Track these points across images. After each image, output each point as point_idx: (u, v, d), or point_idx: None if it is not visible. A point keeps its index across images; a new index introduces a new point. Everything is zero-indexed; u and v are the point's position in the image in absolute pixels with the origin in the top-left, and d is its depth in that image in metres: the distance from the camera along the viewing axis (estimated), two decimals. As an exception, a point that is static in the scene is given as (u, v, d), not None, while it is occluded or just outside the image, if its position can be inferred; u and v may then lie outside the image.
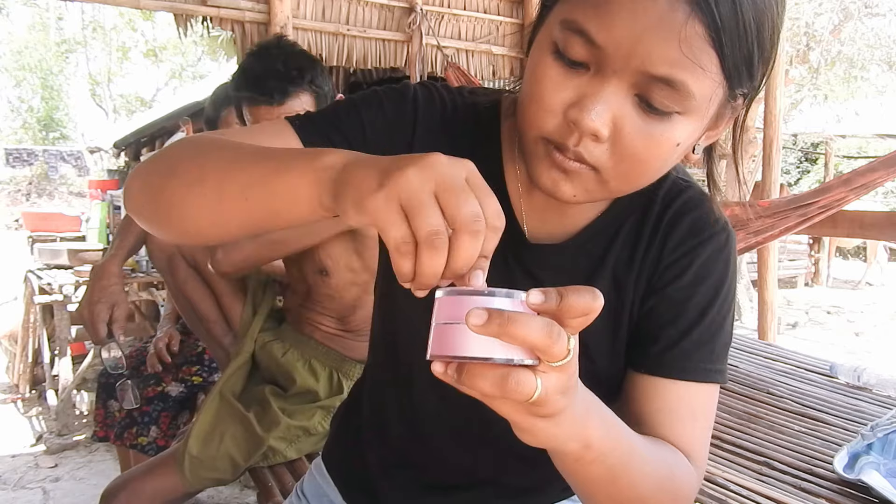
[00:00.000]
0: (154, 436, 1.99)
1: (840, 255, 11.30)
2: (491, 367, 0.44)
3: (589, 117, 0.56)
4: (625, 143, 0.58)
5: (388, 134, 0.71)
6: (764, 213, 3.08)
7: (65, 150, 16.52)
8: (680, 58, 0.53)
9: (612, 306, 0.72)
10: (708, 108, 0.58)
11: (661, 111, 0.56)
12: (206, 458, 1.46)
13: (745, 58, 0.55)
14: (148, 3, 3.27)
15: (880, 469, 1.59)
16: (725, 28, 0.53)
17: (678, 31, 0.52)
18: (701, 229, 0.71)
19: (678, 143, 0.59)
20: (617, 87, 0.56)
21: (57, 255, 3.88)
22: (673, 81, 0.54)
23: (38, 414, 3.67)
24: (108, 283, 1.59)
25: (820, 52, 7.75)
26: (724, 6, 0.52)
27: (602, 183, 0.61)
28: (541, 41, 0.60)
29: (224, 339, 1.75)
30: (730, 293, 0.73)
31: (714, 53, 0.54)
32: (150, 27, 19.15)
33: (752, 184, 7.34)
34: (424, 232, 0.44)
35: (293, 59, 1.53)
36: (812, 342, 6.01)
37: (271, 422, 1.53)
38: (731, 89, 0.58)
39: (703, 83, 0.55)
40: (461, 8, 4.08)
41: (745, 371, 2.47)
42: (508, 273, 0.72)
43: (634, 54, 0.54)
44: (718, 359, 0.71)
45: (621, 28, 0.53)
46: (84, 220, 4.95)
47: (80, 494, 2.75)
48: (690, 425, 0.69)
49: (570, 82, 0.57)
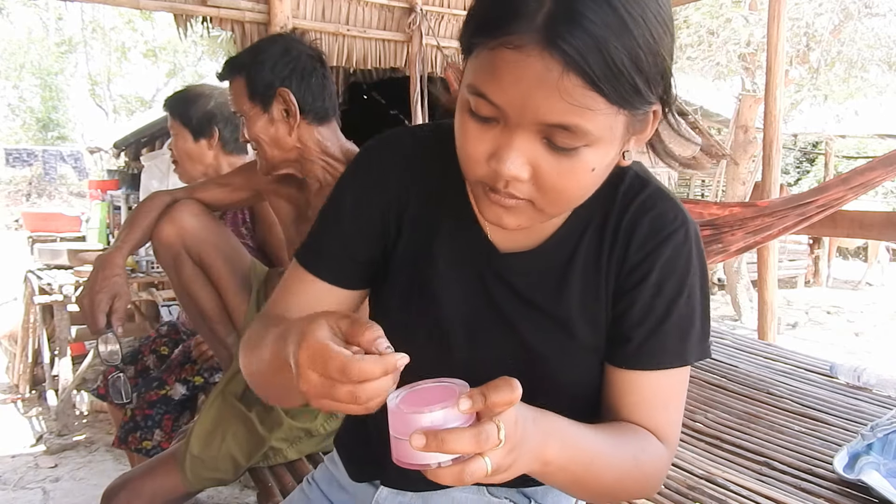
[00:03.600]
0: (158, 439, 1.98)
1: (840, 255, 11.31)
2: (447, 467, 0.55)
3: (506, 166, 0.64)
4: (545, 179, 0.65)
5: (373, 211, 0.82)
6: (763, 212, 3.08)
7: (64, 151, 16.51)
8: (566, 107, 0.60)
9: (586, 301, 0.78)
10: (612, 133, 0.64)
11: (568, 149, 0.63)
12: (208, 457, 1.46)
13: (630, 88, 0.61)
14: (148, 3, 3.27)
15: (880, 469, 1.59)
16: (599, 76, 0.59)
17: (556, 86, 0.59)
18: (660, 228, 0.76)
19: (593, 168, 0.66)
20: (524, 136, 0.63)
21: (57, 255, 3.88)
22: (567, 126, 0.61)
23: (38, 414, 3.67)
24: (110, 274, 1.58)
25: (820, 53, 7.74)
26: (592, 58, 0.58)
27: (538, 210, 0.68)
28: (460, 100, 0.68)
29: (227, 338, 1.74)
30: (696, 284, 0.77)
31: (597, 95, 0.60)
32: (149, 27, 19.15)
33: (752, 184, 7.36)
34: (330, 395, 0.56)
35: (255, 47, 1.57)
36: (812, 342, 6.01)
37: (274, 422, 1.53)
38: (632, 110, 0.63)
39: (595, 121, 0.61)
40: (461, 8, 4.08)
41: (745, 371, 2.47)
42: (483, 282, 0.79)
43: (527, 110, 0.61)
44: (693, 344, 0.77)
45: (510, 91, 0.61)
46: (84, 221, 4.95)
47: (80, 494, 2.75)
48: (663, 413, 0.77)
49: (486, 135, 0.65)
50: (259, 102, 1.52)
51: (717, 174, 8.63)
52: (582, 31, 0.58)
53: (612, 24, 0.58)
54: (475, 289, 0.79)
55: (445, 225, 0.80)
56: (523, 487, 0.89)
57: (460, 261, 0.79)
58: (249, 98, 1.52)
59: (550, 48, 0.58)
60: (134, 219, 1.68)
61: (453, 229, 0.80)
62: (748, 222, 3.08)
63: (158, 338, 2.27)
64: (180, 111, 2.08)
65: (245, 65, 1.52)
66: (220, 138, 2.09)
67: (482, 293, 0.79)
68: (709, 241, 3.16)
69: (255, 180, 1.70)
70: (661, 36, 0.62)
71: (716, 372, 2.45)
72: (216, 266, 1.69)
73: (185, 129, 2.07)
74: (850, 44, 7.83)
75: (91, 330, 1.57)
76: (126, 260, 1.63)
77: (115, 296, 1.57)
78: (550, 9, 0.59)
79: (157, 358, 2.21)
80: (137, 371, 2.17)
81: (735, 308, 7.37)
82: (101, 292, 1.56)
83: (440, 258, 0.80)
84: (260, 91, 1.51)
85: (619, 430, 0.75)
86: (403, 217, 0.81)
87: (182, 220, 1.65)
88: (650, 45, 0.61)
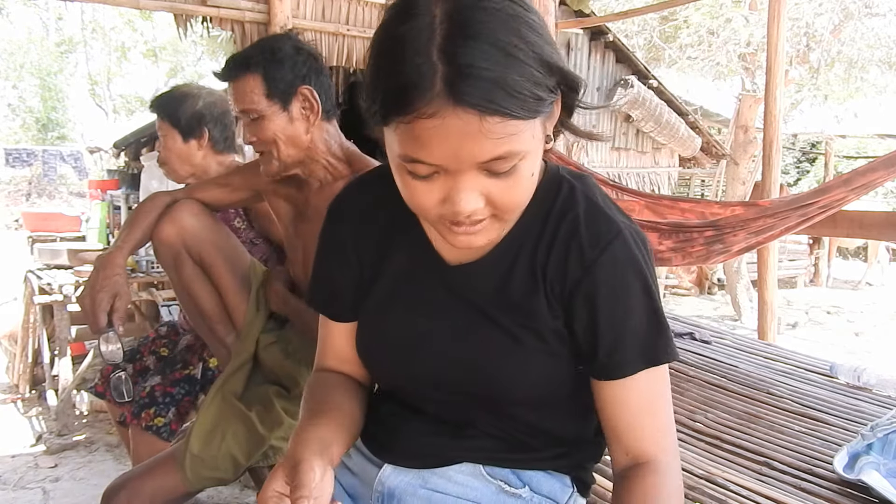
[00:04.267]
0: (171, 418, 1.99)
1: (840, 255, 11.30)
2: None
3: (461, 207, 0.70)
4: (497, 199, 0.72)
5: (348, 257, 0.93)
6: (765, 213, 3.08)
7: (64, 151, 16.49)
8: (494, 143, 0.66)
9: (529, 307, 0.82)
10: (536, 139, 0.71)
11: (508, 170, 0.70)
12: (208, 457, 1.46)
13: (535, 100, 0.67)
14: (148, 3, 3.27)
15: (880, 469, 1.59)
16: (510, 107, 0.65)
17: (480, 132, 0.65)
18: (595, 243, 0.80)
19: (532, 173, 0.73)
20: (467, 176, 0.69)
21: (57, 255, 3.88)
22: (501, 156, 0.68)
23: (38, 414, 3.67)
24: (111, 273, 1.57)
25: (820, 53, 7.75)
26: (498, 96, 0.64)
27: (500, 220, 0.75)
28: (394, 165, 0.74)
29: (227, 338, 1.74)
30: (643, 289, 0.80)
31: (515, 121, 0.66)
32: (149, 27, 19.14)
33: (752, 184, 7.36)
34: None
35: (261, 44, 1.55)
36: (812, 342, 6.01)
37: (274, 421, 1.53)
38: (543, 112, 0.70)
39: (521, 139, 0.68)
40: (461, 8, 4.08)
41: (745, 371, 2.47)
42: (433, 292, 0.87)
43: (463, 159, 0.67)
44: (656, 346, 0.81)
45: (442, 149, 0.67)
46: (84, 220, 4.94)
47: (80, 494, 2.76)
48: (650, 422, 0.81)
49: (432, 187, 0.71)
50: (279, 101, 1.50)
51: (717, 174, 8.64)
52: (479, 80, 0.64)
53: (499, 60, 0.64)
54: (430, 302, 0.87)
55: (402, 252, 0.90)
56: (518, 470, 0.92)
57: (418, 278, 0.88)
58: (267, 96, 1.50)
59: (461, 105, 0.64)
60: (134, 219, 1.68)
61: (409, 254, 0.89)
62: (750, 223, 3.08)
63: (158, 338, 2.26)
64: (169, 112, 2.08)
65: (260, 62, 1.50)
66: (210, 138, 2.09)
67: (437, 306, 0.87)
68: (711, 241, 3.16)
69: (254, 180, 1.70)
70: (540, 41, 0.68)
71: (716, 372, 2.45)
72: (216, 265, 1.69)
73: (175, 129, 2.07)
74: (850, 44, 7.83)
75: (92, 329, 1.57)
76: (126, 260, 1.63)
77: (116, 295, 1.57)
78: (444, 71, 0.64)
79: (157, 359, 2.21)
80: (136, 370, 2.17)
81: (735, 308, 7.37)
82: (102, 291, 1.55)
83: (401, 281, 0.89)
84: (280, 89, 1.49)
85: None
86: (371, 257, 0.92)
87: (182, 220, 1.65)
88: (536, 57, 0.67)
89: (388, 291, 0.90)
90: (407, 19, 0.67)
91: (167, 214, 1.65)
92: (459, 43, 0.64)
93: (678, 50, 8.42)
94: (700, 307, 7.94)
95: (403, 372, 0.90)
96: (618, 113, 6.57)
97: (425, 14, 0.66)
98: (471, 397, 0.86)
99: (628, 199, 3.58)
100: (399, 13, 0.69)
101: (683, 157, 7.31)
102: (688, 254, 3.24)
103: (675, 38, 8.47)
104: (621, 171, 6.73)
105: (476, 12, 0.66)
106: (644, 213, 3.45)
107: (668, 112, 6.67)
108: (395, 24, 0.68)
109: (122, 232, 1.67)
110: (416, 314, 0.88)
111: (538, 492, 0.92)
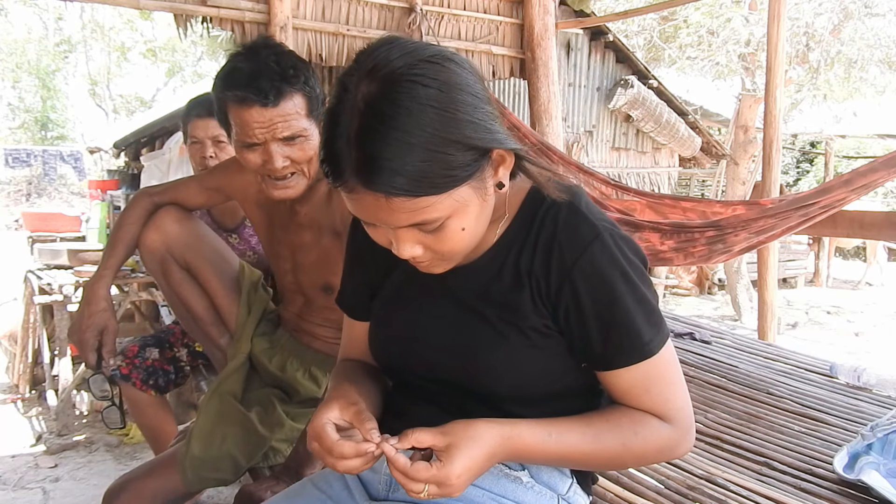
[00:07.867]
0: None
1: (840, 255, 11.31)
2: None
3: (402, 253, 0.81)
4: (434, 247, 0.81)
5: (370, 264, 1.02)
6: (766, 213, 3.08)
7: (64, 151, 16.47)
8: (407, 215, 0.75)
9: (516, 306, 0.87)
10: (463, 201, 0.77)
11: (436, 227, 0.78)
12: (208, 458, 1.46)
13: (447, 176, 0.74)
14: (148, 3, 3.26)
15: (880, 469, 1.59)
16: (414, 188, 0.72)
17: (389, 207, 0.74)
18: (575, 246, 0.84)
19: (463, 227, 0.80)
20: (401, 231, 0.79)
21: (57, 255, 3.88)
22: (418, 223, 0.77)
23: (38, 414, 3.67)
24: (95, 309, 1.59)
25: (820, 52, 7.74)
26: (401, 181, 0.71)
27: (447, 259, 0.84)
28: None
29: (220, 339, 1.74)
30: (624, 281, 0.84)
31: (424, 197, 0.73)
32: (149, 27, 19.13)
33: (752, 184, 7.36)
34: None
35: (285, 57, 1.41)
36: (812, 342, 6.01)
37: (274, 422, 1.53)
38: (465, 181, 0.76)
39: (438, 208, 0.75)
40: (461, 8, 4.08)
41: (745, 371, 2.47)
42: (430, 293, 0.94)
43: (387, 223, 0.78)
44: (648, 335, 0.85)
45: (368, 216, 0.78)
46: (84, 221, 4.94)
47: (79, 494, 2.76)
48: (648, 398, 0.87)
49: (379, 232, 0.82)
50: (315, 119, 1.43)
51: (717, 174, 8.63)
52: (382, 170, 0.72)
53: (401, 149, 0.71)
54: (428, 302, 0.94)
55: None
56: None
57: (417, 281, 0.93)
58: (308, 114, 1.42)
59: (369, 187, 0.73)
60: (115, 235, 1.67)
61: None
62: (752, 223, 3.08)
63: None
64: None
65: (300, 81, 1.39)
66: None
67: (433, 305, 0.93)
68: (713, 241, 3.16)
69: (233, 186, 1.66)
70: (449, 120, 0.73)
71: (716, 372, 2.45)
72: (203, 269, 1.69)
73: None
74: (849, 44, 7.83)
75: (86, 366, 1.63)
76: (110, 289, 1.64)
77: (104, 330, 1.59)
78: (355, 158, 0.73)
79: (189, 353, 2.16)
80: (166, 358, 2.11)
81: (735, 308, 7.37)
82: (88, 331, 1.58)
83: (403, 284, 0.97)
84: (317, 108, 1.43)
85: (608, 419, 0.87)
86: (382, 263, 1.00)
87: (166, 227, 1.63)
88: (442, 140, 0.72)
89: (392, 293, 0.98)
90: (339, 98, 0.75)
91: (151, 221, 1.64)
92: (368, 133, 0.72)
93: (678, 50, 8.41)
94: (700, 307, 7.95)
95: (405, 366, 0.97)
96: (618, 113, 6.58)
97: (350, 97, 0.74)
98: (465, 391, 0.91)
99: (630, 199, 3.57)
100: (337, 88, 0.76)
101: (683, 157, 7.33)
102: (689, 254, 3.24)
103: (674, 37, 8.46)
104: (621, 171, 6.73)
105: (385, 104, 0.72)
106: (646, 213, 3.44)
107: (668, 112, 6.68)
108: (333, 99, 0.76)
109: (105, 252, 1.67)
110: (415, 313, 0.95)
111: (537, 479, 0.95)
